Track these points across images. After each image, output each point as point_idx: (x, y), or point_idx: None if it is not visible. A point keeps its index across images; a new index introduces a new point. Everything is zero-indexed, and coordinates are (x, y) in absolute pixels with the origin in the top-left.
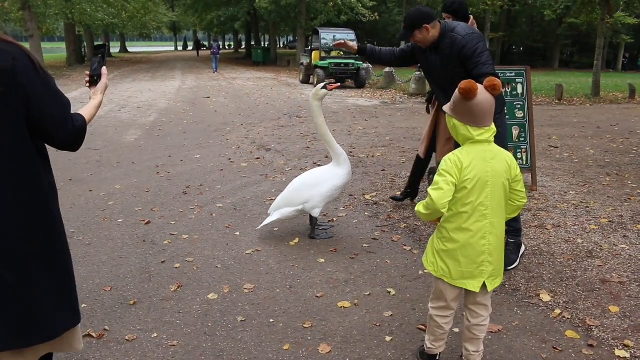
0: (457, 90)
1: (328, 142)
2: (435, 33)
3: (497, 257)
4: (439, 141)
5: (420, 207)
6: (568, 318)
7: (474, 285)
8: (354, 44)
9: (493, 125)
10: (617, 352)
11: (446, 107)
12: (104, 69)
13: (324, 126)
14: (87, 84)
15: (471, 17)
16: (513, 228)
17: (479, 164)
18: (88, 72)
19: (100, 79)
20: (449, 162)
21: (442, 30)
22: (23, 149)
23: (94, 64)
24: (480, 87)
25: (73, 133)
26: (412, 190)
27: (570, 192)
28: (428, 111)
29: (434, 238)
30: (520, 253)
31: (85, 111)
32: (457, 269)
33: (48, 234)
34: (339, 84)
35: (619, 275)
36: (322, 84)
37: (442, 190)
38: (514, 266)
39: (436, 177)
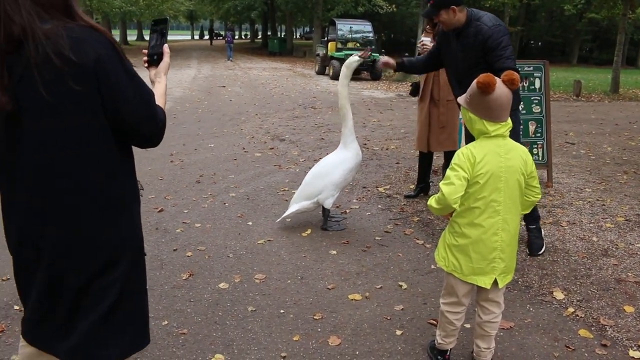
0: (474, 84)
1: (344, 115)
2: (462, 17)
3: (509, 254)
4: (432, 131)
5: (432, 201)
6: (581, 317)
7: (485, 282)
8: (393, 62)
9: (509, 120)
10: (632, 353)
11: (461, 100)
12: (166, 47)
13: (347, 99)
14: (146, 64)
15: None
16: (531, 217)
17: (492, 158)
18: (146, 51)
19: (161, 58)
20: (461, 155)
21: (468, 17)
22: (95, 153)
23: (152, 40)
24: (498, 82)
25: (160, 129)
26: (424, 184)
27: (587, 189)
28: (414, 94)
29: (446, 232)
30: (543, 236)
31: (157, 100)
32: (468, 264)
33: (106, 257)
34: (370, 52)
35: (635, 275)
36: (356, 56)
37: (454, 185)
38: (542, 250)
39: (448, 171)
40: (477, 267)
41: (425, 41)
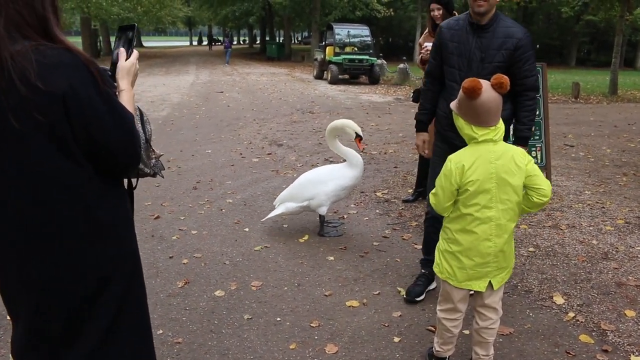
0: (460, 89)
1: (339, 150)
2: (494, 6)
3: (503, 258)
4: None
5: (431, 199)
6: (582, 322)
7: (480, 286)
8: (425, 137)
9: (500, 124)
10: (633, 359)
11: (452, 105)
12: (135, 53)
13: (335, 143)
14: (110, 73)
15: (455, 13)
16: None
17: (482, 164)
18: (114, 60)
19: None
20: (449, 164)
21: (495, 14)
22: (76, 173)
23: (117, 47)
24: (485, 86)
25: (139, 155)
26: (423, 189)
27: (586, 191)
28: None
29: (439, 239)
30: (430, 287)
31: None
32: (461, 271)
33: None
34: (363, 146)
35: (636, 279)
36: (359, 130)
37: (438, 197)
38: (420, 298)
39: (436, 181)
40: (470, 273)
41: (429, 46)
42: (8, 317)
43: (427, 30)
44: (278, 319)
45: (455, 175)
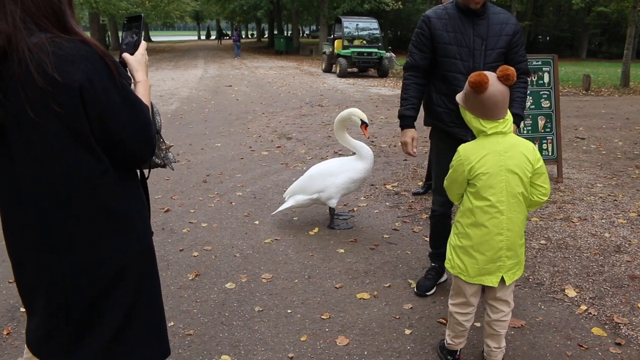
0: (467, 83)
1: (348, 144)
2: None
3: (516, 251)
4: None
5: (445, 183)
6: (594, 314)
7: (492, 281)
8: (413, 135)
9: (509, 116)
10: None
11: (458, 98)
12: (143, 44)
13: (349, 139)
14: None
15: None
16: (438, 254)
17: (491, 157)
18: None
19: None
20: (458, 156)
21: (486, 1)
22: (90, 167)
23: (125, 38)
24: (492, 79)
25: (153, 148)
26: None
27: (598, 184)
28: None
29: (451, 234)
30: (441, 280)
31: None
32: (474, 266)
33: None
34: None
35: None
36: (358, 118)
37: (446, 183)
38: (431, 292)
39: (448, 171)
40: (483, 268)
41: None
42: (22, 309)
43: None
44: (289, 311)
45: (465, 168)
